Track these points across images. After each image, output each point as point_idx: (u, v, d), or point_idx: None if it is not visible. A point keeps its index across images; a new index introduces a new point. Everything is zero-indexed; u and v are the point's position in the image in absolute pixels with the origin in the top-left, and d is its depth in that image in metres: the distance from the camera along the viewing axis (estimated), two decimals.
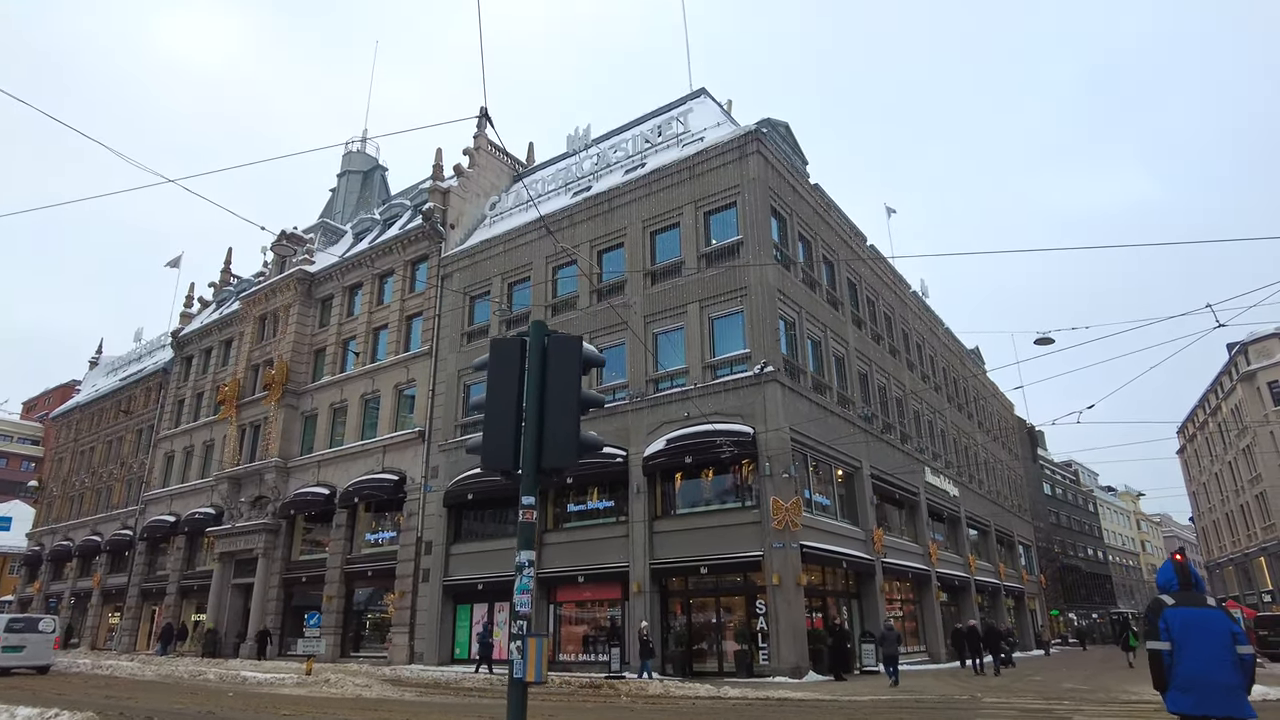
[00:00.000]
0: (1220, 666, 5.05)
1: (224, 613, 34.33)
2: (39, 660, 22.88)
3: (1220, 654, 5.08)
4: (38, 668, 22.78)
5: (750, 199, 23.43)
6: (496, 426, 4.82)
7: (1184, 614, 5.26)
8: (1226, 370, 55.65)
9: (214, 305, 46.69)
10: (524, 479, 4.73)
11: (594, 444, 5.03)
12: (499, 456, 4.79)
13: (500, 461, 4.78)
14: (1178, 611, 5.29)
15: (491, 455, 4.82)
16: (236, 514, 34.58)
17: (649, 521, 22.58)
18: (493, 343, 5.12)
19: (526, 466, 4.70)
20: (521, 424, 4.77)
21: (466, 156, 35.04)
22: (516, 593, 4.54)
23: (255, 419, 35.96)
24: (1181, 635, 5.20)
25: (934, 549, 30.93)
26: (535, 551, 4.80)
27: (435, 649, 26.19)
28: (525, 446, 4.72)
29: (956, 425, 39.53)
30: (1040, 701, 14.00)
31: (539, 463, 4.71)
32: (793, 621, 19.55)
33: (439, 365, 30.19)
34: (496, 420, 4.84)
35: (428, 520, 28.24)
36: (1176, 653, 5.19)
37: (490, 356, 5.18)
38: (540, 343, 5.01)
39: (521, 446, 4.74)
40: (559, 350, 4.95)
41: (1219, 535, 65.07)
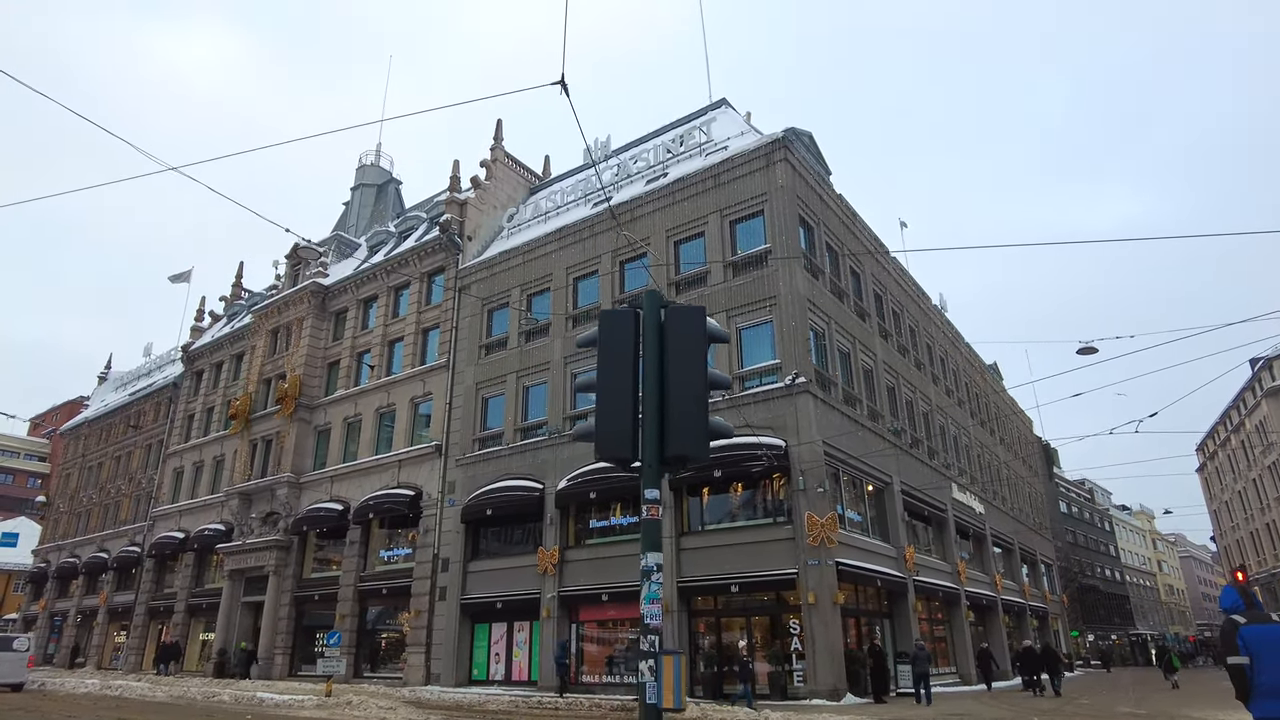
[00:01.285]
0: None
1: (233, 632, 33.59)
2: (12, 679, 23.40)
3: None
4: (11, 685, 23.28)
5: (778, 207, 22.93)
6: (611, 411, 4.23)
7: (1257, 630, 5.87)
8: (1249, 386, 54.82)
9: (225, 319, 46.30)
10: (645, 471, 4.15)
11: (724, 431, 4.45)
12: (615, 445, 4.21)
13: (616, 450, 4.21)
14: (1252, 629, 5.91)
15: (607, 444, 4.24)
16: (247, 530, 33.94)
17: (676, 538, 21.89)
18: (602, 315, 4.52)
19: (648, 456, 4.11)
20: (639, 408, 4.19)
21: (483, 169, 34.69)
22: (645, 602, 3.95)
23: (267, 433, 35.39)
24: (1258, 649, 5.76)
25: (962, 567, 30.12)
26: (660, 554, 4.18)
27: (453, 670, 25.42)
28: (645, 434, 4.13)
29: (980, 441, 38.80)
30: None
31: (662, 452, 4.12)
32: (830, 642, 18.80)
33: (456, 378, 29.65)
34: (610, 404, 4.26)
35: (444, 537, 27.57)
36: (1255, 665, 5.73)
37: (599, 331, 4.59)
38: (656, 316, 4.42)
39: (640, 434, 4.15)
40: (680, 323, 4.36)
41: (1243, 554, 63.86)
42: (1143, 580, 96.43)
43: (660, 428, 4.19)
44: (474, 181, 33.98)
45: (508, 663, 25.17)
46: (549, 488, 24.92)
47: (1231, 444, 61.43)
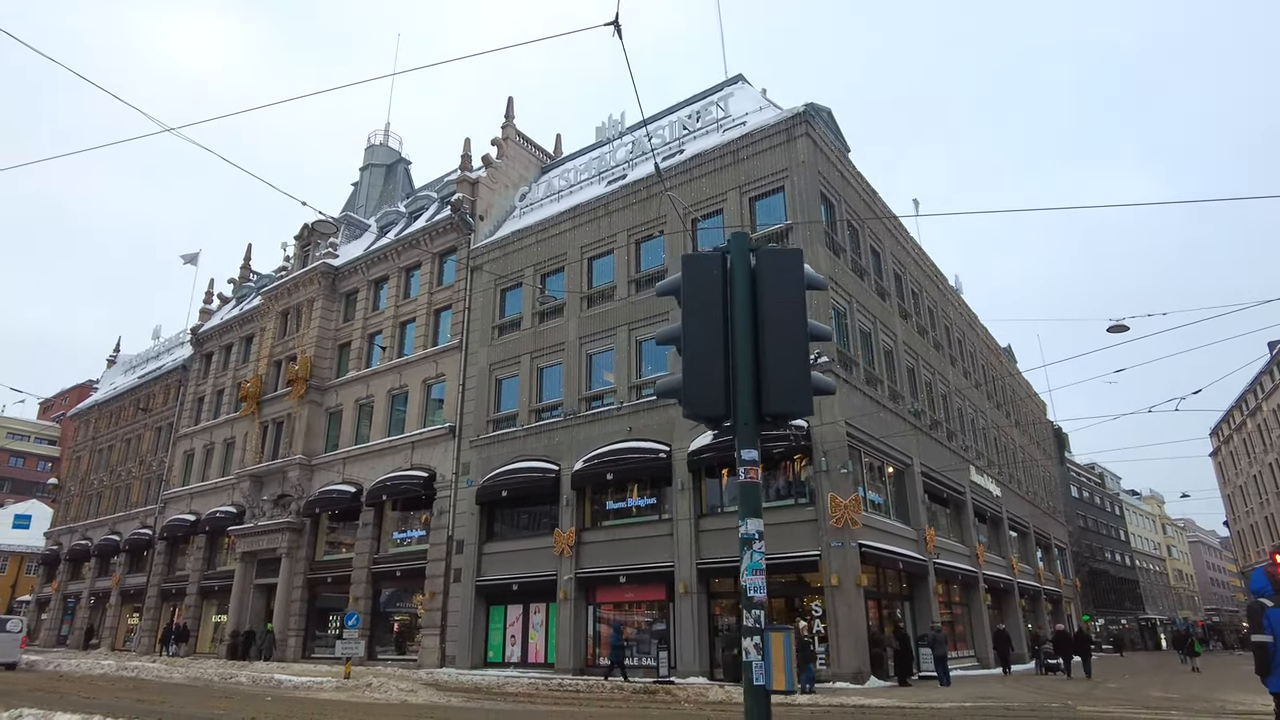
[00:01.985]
0: None
1: (246, 614, 33.51)
2: (6, 658, 24.46)
3: None
4: (5, 664, 24.27)
5: (799, 183, 22.45)
6: (699, 366, 3.86)
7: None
8: (1268, 369, 54.19)
9: (234, 301, 46.02)
10: (740, 431, 3.78)
11: (827, 388, 4.07)
12: (706, 403, 3.84)
13: (708, 409, 3.84)
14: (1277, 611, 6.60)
15: (697, 401, 3.86)
16: (259, 513, 33.78)
17: (694, 519, 21.61)
18: (685, 260, 4.13)
19: (742, 414, 3.74)
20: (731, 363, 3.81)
21: (494, 147, 34.20)
22: (747, 574, 3.61)
23: (278, 416, 35.16)
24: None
25: (980, 550, 29.81)
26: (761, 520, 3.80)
27: (468, 652, 25.25)
28: (739, 391, 3.77)
29: (996, 424, 38.39)
30: (1143, 712, 12.93)
31: (759, 410, 3.75)
32: (853, 624, 18.51)
33: (469, 359, 29.32)
34: (699, 358, 3.88)
35: (459, 518, 27.34)
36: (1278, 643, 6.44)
37: (683, 277, 4.19)
38: (745, 260, 4.03)
39: (734, 391, 3.79)
40: (775, 267, 3.97)
41: (1257, 539, 63.44)
42: (1152, 565, 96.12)
43: (756, 383, 3.80)
44: (485, 160, 33.49)
45: (524, 645, 24.98)
46: (565, 469, 24.64)
47: (1247, 428, 60.85)
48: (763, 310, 3.88)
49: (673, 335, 4.27)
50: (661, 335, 4.31)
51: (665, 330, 4.33)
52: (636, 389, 24.22)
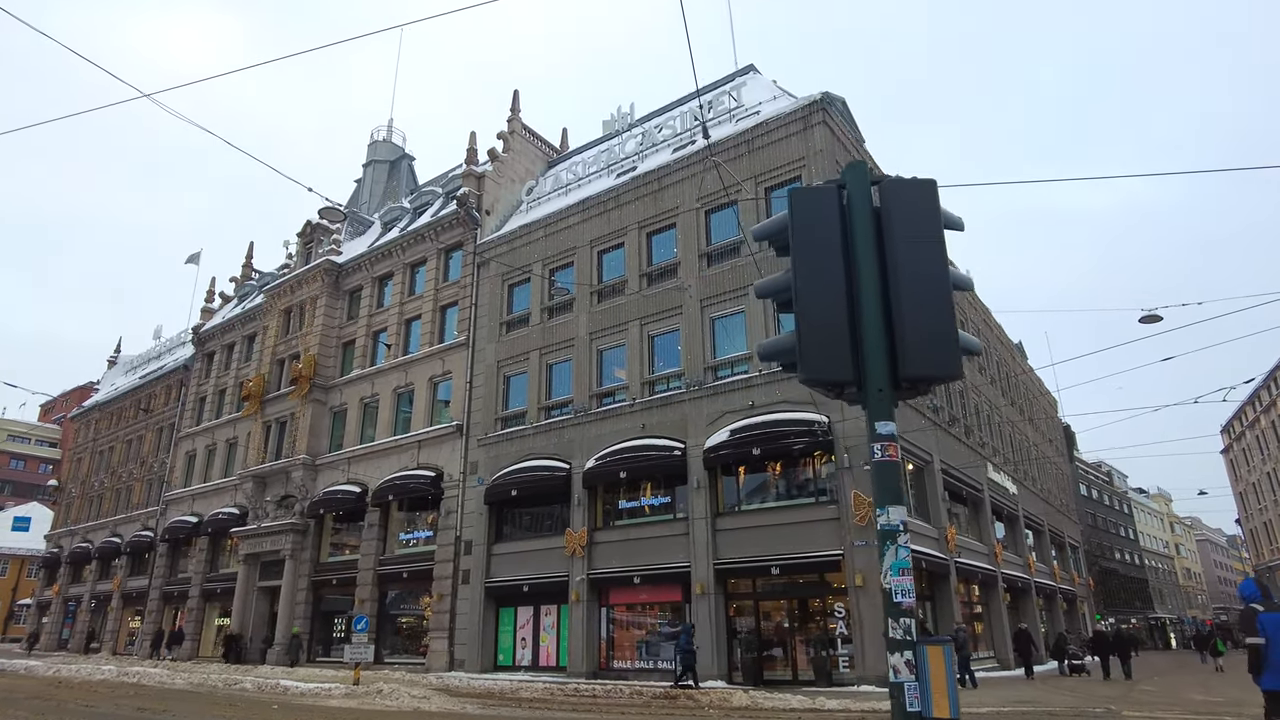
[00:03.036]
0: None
1: (249, 616, 32.91)
2: None
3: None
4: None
5: (817, 172, 21.82)
6: (818, 322, 3.25)
7: (1274, 618, 7.13)
8: None
9: (236, 300, 45.45)
10: (872, 400, 3.18)
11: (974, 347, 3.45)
12: (828, 366, 3.23)
13: (831, 372, 3.23)
14: (1269, 615, 7.17)
15: (817, 364, 3.25)
16: (262, 514, 33.19)
17: (711, 519, 20.99)
18: (794, 196, 3.48)
19: (874, 379, 3.14)
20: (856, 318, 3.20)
21: (500, 141, 33.60)
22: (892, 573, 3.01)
23: (281, 415, 34.58)
24: (1273, 632, 7.02)
25: (999, 549, 29.21)
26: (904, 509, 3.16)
27: (478, 655, 24.65)
28: (869, 351, 3.16)
29: (1011, 420, 37.78)
30: (1194, 717, 12.32)
31: (894, 374, 3.15)
32: (879, 626, 17.87)
33: (476, 356, 28.73)
34: (817, 312, 3.27)
35: (467, 519, 26.75)
36: (1270, 645, 7.00)
37: (791, 216, 3.54)
38: (866, 194, 3.41)
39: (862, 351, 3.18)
40: (903, 203, 3.32)
41: (1271, 537, 62.76)
42: (1160, 564, 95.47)
43: (889, 341, 3.19)
44: (491, 154, 32.91)
45: (534, 648, 24.38)
46: (575, 467, 24.05)
47: (1261, 424, 60.16)
48: (892, 253, 3.25)
49: (777, 286, 3.63)
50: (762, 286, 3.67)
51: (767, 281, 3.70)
52: (649, 385, 23.63)
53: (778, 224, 3.62)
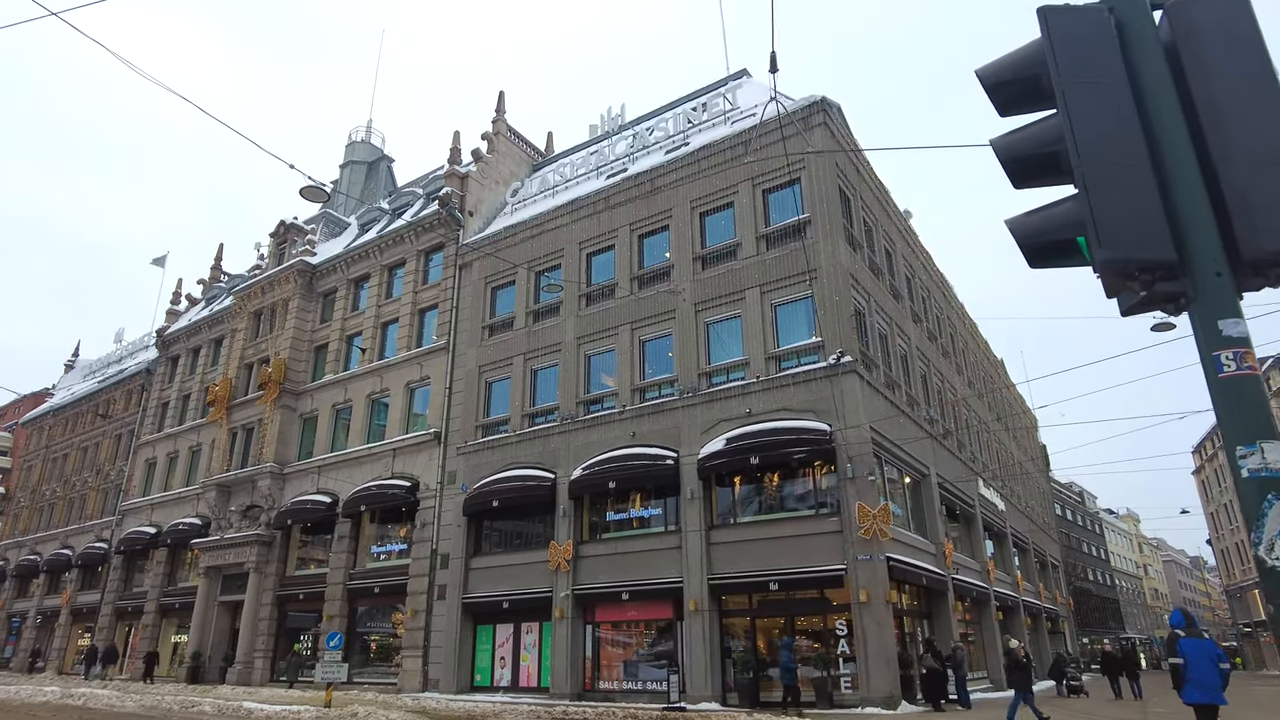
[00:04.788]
0: (1212, 674, 8.67)
1: (209, 633, 31.17)
2: None
3: (1211, 666, 8.68)
4: None
5: (817, 174, 21.19)
6: (1116, 182, 2.30)
7: (1192, 643, 8.94)
8: None
9: (203, 303, 43.75)
10: (1206, 286, 2.23)
11: None
12: (1140, 239, 2.27)
13: (1145, 248, 2.28)
14: (1188, 641, 8.97)
15: (1122, 238, 2.29)
16: (225, 525, 31.55)
17: (705, 531, 20.02)
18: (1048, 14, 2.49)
19: (1207, 259, 2.22)
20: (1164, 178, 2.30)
21: (484, 141, 32.67)
22: None
23: (248, 421, 33.04)
24: (1190, 655, 8.79)
25: (991, 566, 28.60)
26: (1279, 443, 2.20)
27: (453, 674, 23.35)
28: (1190, 221, 2.25)
29: (998, 437, 37.40)
30: None
31: (1234, 252, 2.24)
32: (884, 645, 17.03)
33: (456, 361, 27.60)
34: (1112, 169, 2.31)
35: (444, 530, 25.50)
36: (1188, 666, 8.75)
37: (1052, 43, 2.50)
38: (1146, 18, 2.48)
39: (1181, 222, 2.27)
40: (1205, 28, 2.38)
41: (1242, 558, 63.18)
42: (1130, 584, 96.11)
43: (1216, 209, 2.27)
44: (475, 155, 31.94)
45: (514, 667, 23.14)
46: (561, 477, 22.98)
47: None
48: (1201, 91, 2.37)
49: (1030, 145, 2.64)
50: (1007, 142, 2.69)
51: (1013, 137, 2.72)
52: (640, 391, 22.69)
53: (1024, 59, 2.66)
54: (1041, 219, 2.68)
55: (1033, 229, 2.67)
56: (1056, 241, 2.61)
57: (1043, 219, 2.68)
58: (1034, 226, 2.68)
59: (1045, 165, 2.58)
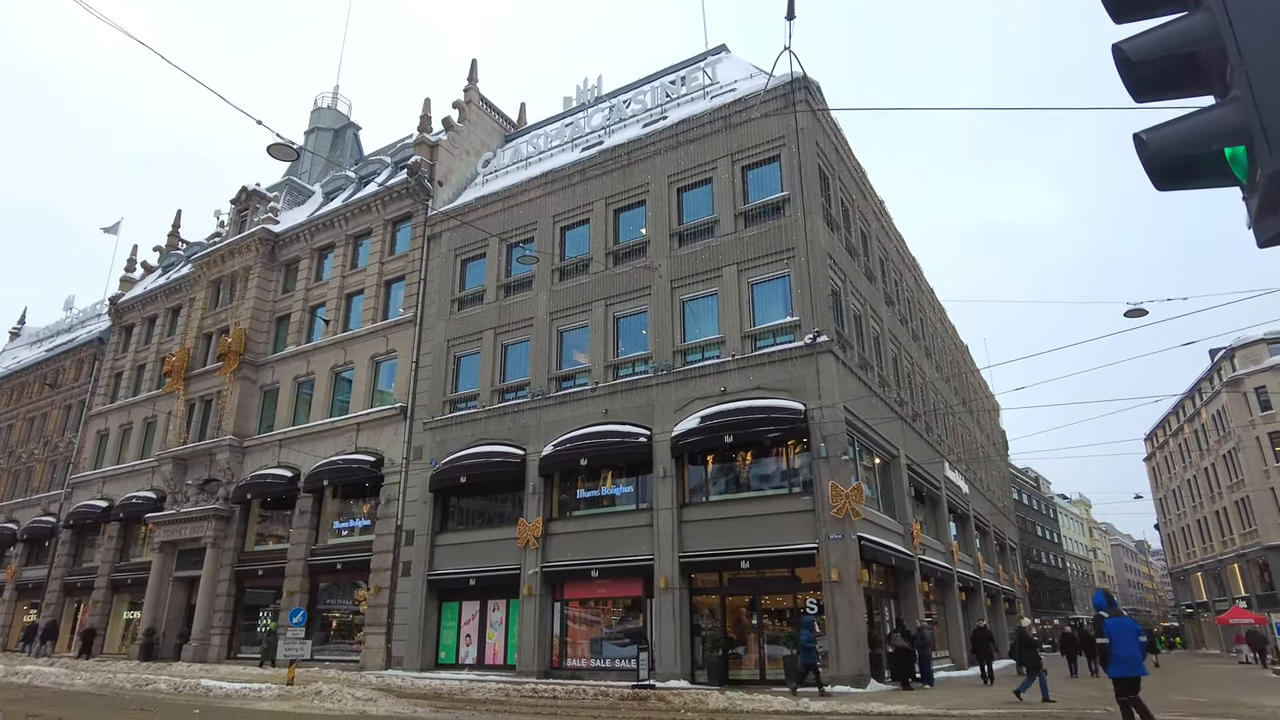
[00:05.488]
0: (1135, 649, 9.22)
1: (163, 610, 30.33)
2: None
3: (1134, 642, 9.23)
4: None
5: (798, 151, 20.92)
6: None
7: (1115, 621, 9.51)
8: (1208, 376, 55.54)
9: (159, 270, 42.27)
10: None
11: None
12: None
13: None
14: (1112, 620, 9.52)
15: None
16: (182, 498, 30.64)
17: (677, 509, 19.86)
18: None
19: None
20: None
21: (456, 110, 31.84)
22: None
23: (206, 393, 32.06)
24: (1114, 634, 9.31)
25: (955, 547, 28.99)
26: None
27: (418, 652, 22.99)
28: None
29: (962, 421, 37.87)
30: (1190, 716, 11.77)
31: None
32: (854, 623, 17.07)
33: (424, 334, 27.00)
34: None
35: (409, 507, 25.03)
36: (1113, 643, 9.23)
37: None
38: None
39: None
40: None
41: (1188, 542, 65.27)
42: (1079, 567, 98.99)
43: None
44: (446, 123, 31.12)
45: (480, 645, 22.86)
46: (531, 454, 22.63)
47: (1185, 433, 62.45)
48: None
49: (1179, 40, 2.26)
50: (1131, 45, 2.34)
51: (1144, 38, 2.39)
52: (613, 368, 22.37)
53: None
54: (1182, 130, 2.38)
55: (1169, 142, 2.37)
56: (1197, 156, 2.33)
57: (1184, 129, 2.38)
58: (1172, 138, 2.38)
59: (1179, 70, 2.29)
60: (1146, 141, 2.33)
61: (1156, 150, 2.31)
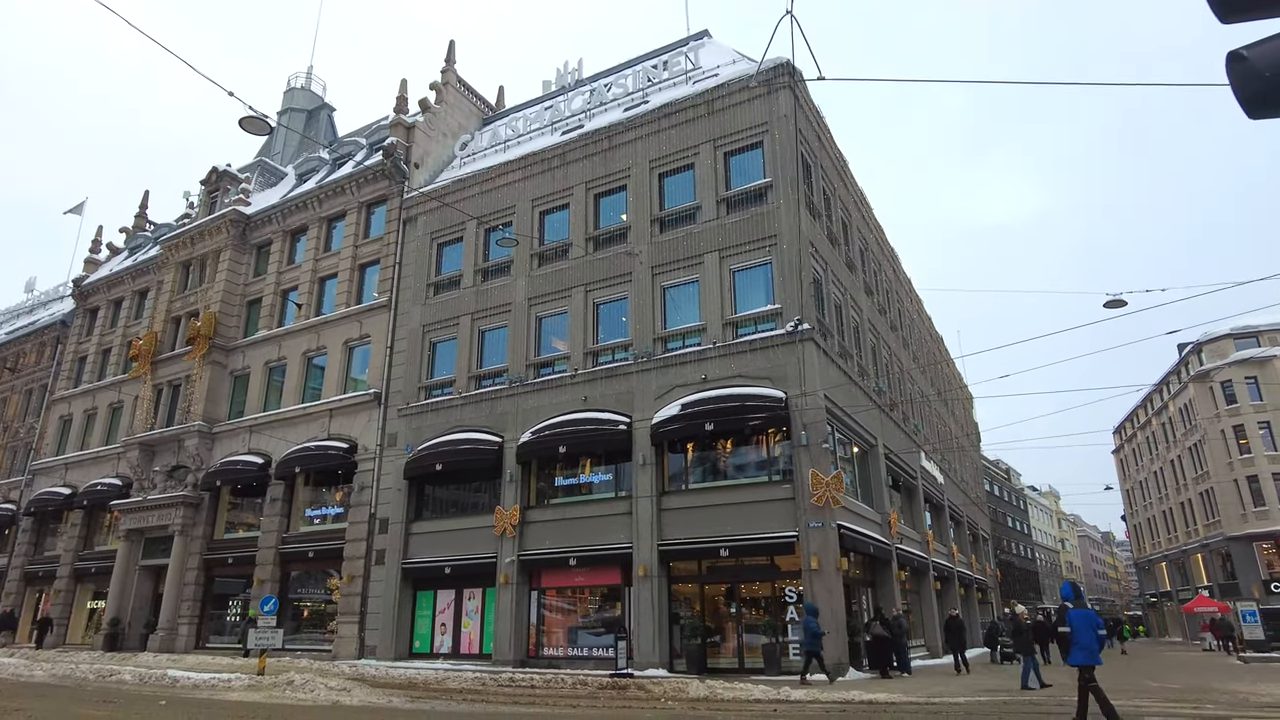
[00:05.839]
0: (1094, 639, 9.76)
1: (129, 599, 29.63)
2: None
3: (1093, 633, 9.78)
4: None
5: (781, 138, 20.75)
6: None
7: (1078, 613, 10.01)
8: (1175, 370, 56.49)
9: (126, 252, 41.17)
10: None
11: None
12: None
13: None
14: (1075, 612, 10.04)
15: None
16: (148, 485, 29.92)
17: (656, 497, 19.70)
18: None
19: None
20: None
21: (433, 92, 31.25)
22: None
23: (175, 378, 31.30)
24: (1076, 624, 9.85)
25: (930, 537, 29.19)
26: None
27: (391, 641, 22.67)
28: None
29: (938, 412, 38.12)
30: (1173, 704, 11.86)
31: None
32: (834, 612, 17.04)
33: (399, 319, 26.54)
34: None
35: (383, 494, 24.63)
36: (1074, 633, 9.79)
37: None
38: None
39: None
40: None
41: (1154, 532, 66.53)
42: (1048, 557, 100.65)
43: None
44: (422, 105, 30.53)
45: (455, 634, 22.59)
46: (509, 441, 22.33)
47: (1152, 426, 63.53)
48: None
49: None
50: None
51: None
52: (593, 355, 22.12)
53: None
54: None
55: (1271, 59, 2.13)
56: None
57: None
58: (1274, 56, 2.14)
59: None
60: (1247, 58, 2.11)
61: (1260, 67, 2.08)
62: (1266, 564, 46.42)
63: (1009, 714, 10.87)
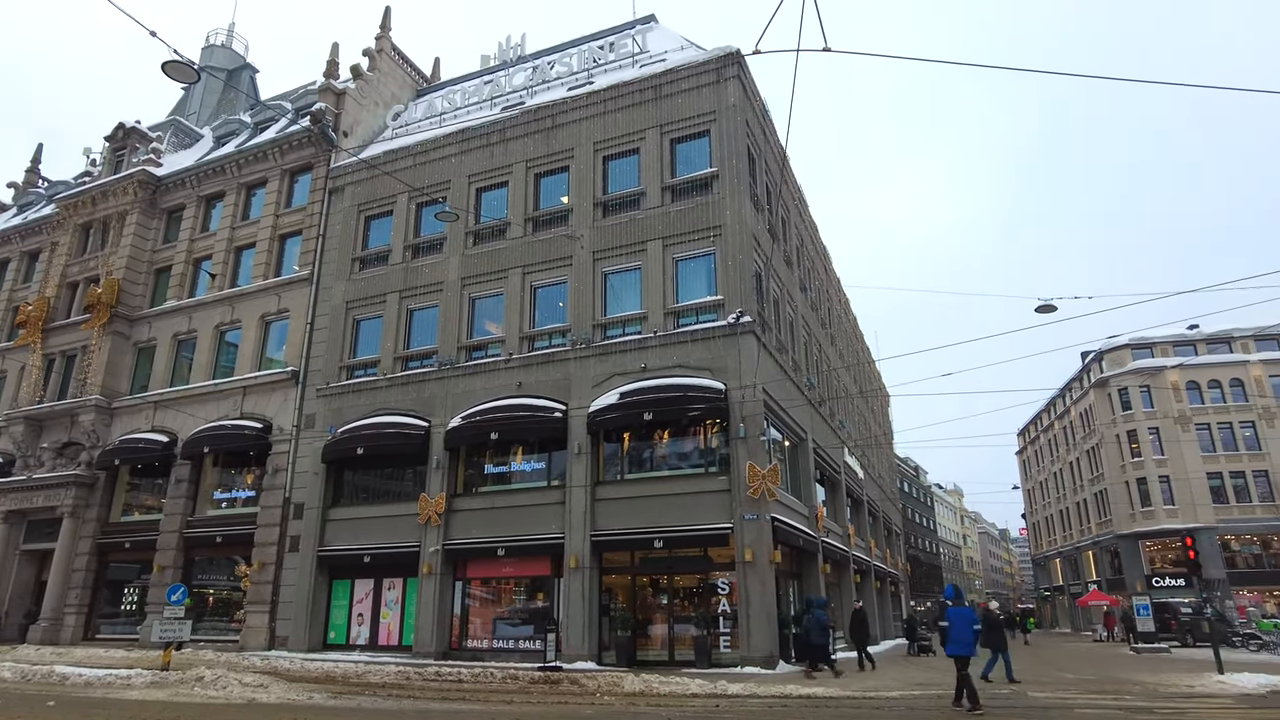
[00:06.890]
0: (968, 633, 10.99)
1: (7, 586, 27.37)
2: None
3: (968, 628, 11.03)
4: None
5: (727, 128, 20.60)
6: None
7: (956, 610, 11.44)
8: (1078, 377, 59.51)
9: (15, 210, 37.91)
10: None
11: None
12: None
13: None
14: (953, 609, 11.50)
15: None
16: (34, 463, 27.67)
17: (590, 487, 19.30)
18: None
19: None
20: None
21: (366, 58, 29.85)
22: None
23: (69, 347, 29.00)
24: (953, 620, 11.19)
25: (852, 531, 29.77)
26: None
27: (304, 632, 21.61)
28: None
29: (859, 409, 38.97)
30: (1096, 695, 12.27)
31: None
32: (766, 605, 17.06)
33: (321, 294, 25.29)
34: None
35: (299, 478, 23.46)
36: (951, 628, 11.08)
37: None
38: None
39: None
40: None
41: (1050, 530, 70.15)
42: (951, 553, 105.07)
43: None
44: (354, 71, 29.11)
45: (374, 625, 21.69)
46: (436, 426, 21.54)
47: (1054, 429, 66.89)
48: None
49: None
50: None
51: None
52: (529, 340, 21.53)
53: None
54: None
55: None
56: None
57: None
58: None
59: None
60: None
61: None
62: (1150, 560, 49.51)
63: (945, 706, 10.98)
